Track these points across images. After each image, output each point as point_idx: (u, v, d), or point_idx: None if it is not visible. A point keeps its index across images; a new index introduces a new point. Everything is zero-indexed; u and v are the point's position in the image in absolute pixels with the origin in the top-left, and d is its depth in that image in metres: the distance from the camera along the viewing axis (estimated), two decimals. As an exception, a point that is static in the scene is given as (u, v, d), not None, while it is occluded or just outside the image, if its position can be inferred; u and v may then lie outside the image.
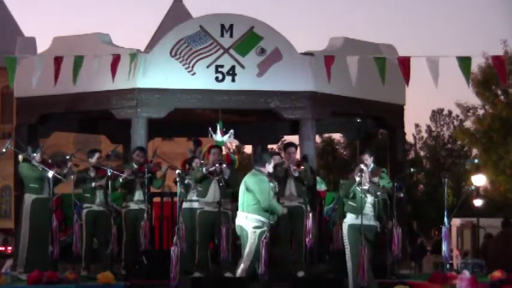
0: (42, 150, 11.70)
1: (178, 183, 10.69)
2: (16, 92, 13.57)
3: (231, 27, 12.70)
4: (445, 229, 11.19)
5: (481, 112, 31.19)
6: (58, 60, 11.70)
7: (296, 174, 11.41)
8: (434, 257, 19.89)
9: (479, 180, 29.69)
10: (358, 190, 10.05)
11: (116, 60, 11.86)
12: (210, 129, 13.23)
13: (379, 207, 10.25)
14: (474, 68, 28.72)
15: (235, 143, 36.29)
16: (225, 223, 10.98)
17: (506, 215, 18.32)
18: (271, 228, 10.12)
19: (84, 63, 11.66)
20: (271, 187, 10.02)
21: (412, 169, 14.47)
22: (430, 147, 49.71)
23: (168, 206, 12.91)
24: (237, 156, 16.68)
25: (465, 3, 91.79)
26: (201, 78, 12.64)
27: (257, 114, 14.64)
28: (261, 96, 12.78)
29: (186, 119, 14.76)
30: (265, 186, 9.98)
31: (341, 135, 35.32)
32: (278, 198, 10.68)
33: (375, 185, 10.38)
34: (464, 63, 11.32)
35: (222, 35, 12.69)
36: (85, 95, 12.90)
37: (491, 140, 29.89)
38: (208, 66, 12.65)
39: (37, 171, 11.40)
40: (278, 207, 10.16)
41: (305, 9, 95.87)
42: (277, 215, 10.17)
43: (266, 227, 9.96)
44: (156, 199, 12.75)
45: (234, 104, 12.86)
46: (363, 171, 10.03)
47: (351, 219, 10.13)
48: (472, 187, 29.31)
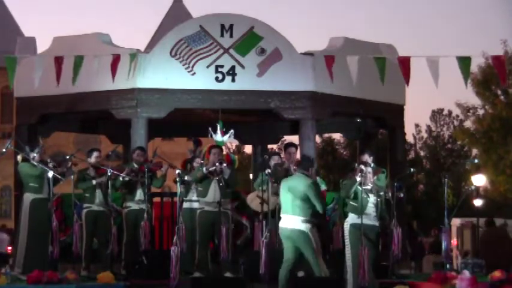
0: (42, 149, 11.69)
1: (178, 183, 10.69)
2: (16, 92, 13.58)
3: (231, 27, 12.71)
4: (445, 229, 11.20)
5: (481, 112, 31.19)
6: (58, 60, 11.70)
7: (296, 174, 11.40)
8: (434, 257, 19.86)
9: (479, 180, 29.67)
10: (360, 190, 10.04)
11: (116, 60, 11.85)
12: (210, 129, 13.23)
13: (382, 207, 10.24)
14: (474, 68, 28.74)
15: (235, 143, 36.36)
16: (225, 223, 10.98)
17: (498, 216, 18.34)
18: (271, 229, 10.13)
19: (84, 63, 11.66)
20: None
21: (412, 169, 14.46)
22: (430, 147, 49.69)
23: (168, 206, 12.91)
24: (237, 156, 16.70)
25: (465, 3, 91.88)
26: (201, 78, 12.64)
27: (257, 114, 14.65)
28: (261, 96, 12.79)
29: (186, 119, 14.77)
30: (320, 190, 10.08)
31: (341, 135, 35.31)
32: None
33: (377, 185, 10.39)
34: (464, 63, 11.31)
35: (222, 35, 12.70)
36: (85, 95, 12.91)
37: (491, 140, 29.87)
38: (208, 66, 12.66)
39: (37, 169, 11.39)
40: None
41: (305, 9, 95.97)
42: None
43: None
44: (156, 199, 12.76)
45: (234, 104, 12.87)
46: (363, 171, 10.01)
47: (352, 219, 10.12)
48: (472, 187, 29.27)
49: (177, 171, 10.85)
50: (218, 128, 13.23)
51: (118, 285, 10.42)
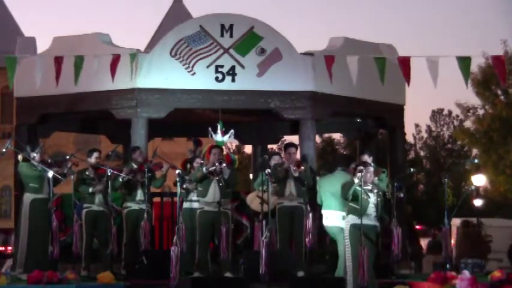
0: (42, 149, 11.70)
1: (178, 184, 10.69)
2: (16, 92, 13.57)
3: (231, 27, 12.70)
4: (445, 229, 11.20)
5: (481, 112, 31.17)
6: (58, 61, 11.70)
7: (296, 174, 11.41)
8: (434, 257, 19.87)
9: (479, 180, 29.70)
10: (359, 191, 10.04)
11: (116, 60, 11.85)
12: (210, 129, 13.23)
13: (382, 207, 10.25)
14: (474, 68, 28.71)
15: (235, 143, 36.31)
16: (225, 223, 10.98)
17: (497, 215, 18.39)
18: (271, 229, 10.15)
19: (84, 63, 11.66)
20: None
21: (412, 169, 14.46)
22: (430, 147, 49.73)
23: (168, 206, 12.92)
24: (237, 156, 16.71)
25: (465, 3, 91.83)
26: (201, 78, 12.64)
27: (257, 114, 14.64)
28: (261, 96, 12.78)
29: (186, 119, 14.76)
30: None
31: (341, 135, 35.34)
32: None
33: (379, 186, 10.42)
34: (464, 63, 11.31)
35: (222, 35, 12.69)
36: (85, 95, 12.90)
37: (491, 140, 29.86)
38: (208, 66, 12.65)
39: (36, 170, 11.40)
40: None
41: (305, 9, 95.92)
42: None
43: None
44: (156, 199, 12.76)
45: (234, 104, 12.86)
46: (362, 172, 10.02)
47: (353, 219, 10.12)
48: (472, 187, 29.32)
49: (177, 172, 10.86)
50: (218, 128, 13.22)
51: (118, 285, 10.43)
